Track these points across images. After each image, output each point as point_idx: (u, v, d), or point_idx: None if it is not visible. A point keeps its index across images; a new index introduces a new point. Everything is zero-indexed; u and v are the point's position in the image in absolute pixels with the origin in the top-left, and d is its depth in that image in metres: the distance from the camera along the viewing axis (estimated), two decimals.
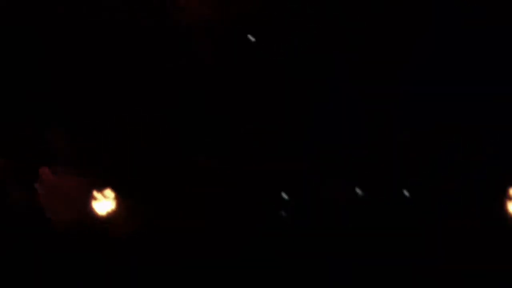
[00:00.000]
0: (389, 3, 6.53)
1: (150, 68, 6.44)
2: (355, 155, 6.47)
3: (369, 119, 6.53)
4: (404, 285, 6.09)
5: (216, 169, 6.39)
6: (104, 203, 6.20)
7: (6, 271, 6.04)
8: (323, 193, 6.36)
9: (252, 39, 6.43)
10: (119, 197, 6.25)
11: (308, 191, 6.42)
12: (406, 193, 6.32)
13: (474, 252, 5.95)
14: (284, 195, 6.37)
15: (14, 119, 6.33)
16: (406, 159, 6.35)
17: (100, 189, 6.23)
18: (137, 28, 6.49)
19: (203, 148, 6.46)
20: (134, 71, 6.43)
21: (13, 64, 6.35)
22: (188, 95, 6.55)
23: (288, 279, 6.13)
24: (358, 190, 6.30)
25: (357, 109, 6.53)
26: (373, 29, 6.54)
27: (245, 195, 6.40)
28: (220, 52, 6.60)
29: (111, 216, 6.20)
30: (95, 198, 6.21)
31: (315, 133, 6.50)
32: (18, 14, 6.35)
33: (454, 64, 6.50)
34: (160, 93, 6.45)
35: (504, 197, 6.03)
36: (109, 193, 6.24)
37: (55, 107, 6.38)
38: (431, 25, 6.51)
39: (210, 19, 6.61)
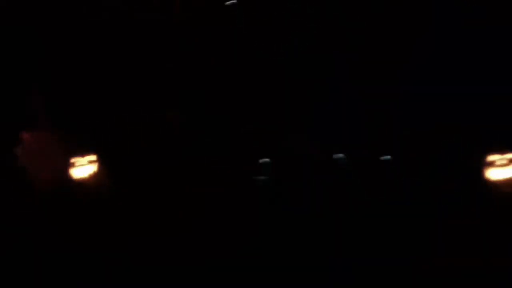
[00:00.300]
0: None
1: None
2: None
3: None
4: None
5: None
6: (84, 167, 6.26)
7: None
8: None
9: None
10: (99, 161, 6.29)
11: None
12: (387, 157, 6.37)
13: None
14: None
15: None
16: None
17: (82, 153, 6.28)
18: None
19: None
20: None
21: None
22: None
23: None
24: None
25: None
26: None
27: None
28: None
29: (91, 180, 6.24)
30: (76, 162, 6.26)
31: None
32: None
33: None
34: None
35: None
36: (90, 157, 6.29)
37: (38, 73, 6.40)
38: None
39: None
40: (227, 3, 6.50)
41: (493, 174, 5.99)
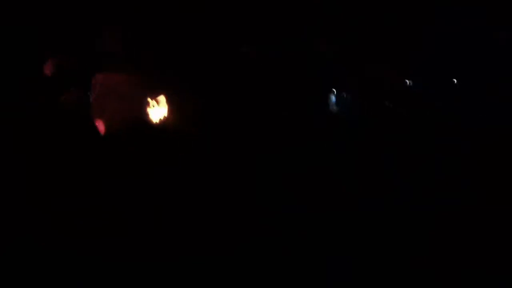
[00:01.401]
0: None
1: None
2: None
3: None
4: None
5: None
6: (157, 109, 6.20)
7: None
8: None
9: None
10: (172, 104, 6.24)
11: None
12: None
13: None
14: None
15: (68, 20, 6.31)
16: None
17: (155, 95, 6.24)
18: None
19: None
20: None
21: None
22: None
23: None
24: None
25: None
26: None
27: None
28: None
29: (163, 123, 6.19)
30: (149, 104, 6.20)
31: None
32: None
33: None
34: None
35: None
36: (163, 99, 6.24)
37: (116, 11, 6.37)
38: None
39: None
40: None
41: None
